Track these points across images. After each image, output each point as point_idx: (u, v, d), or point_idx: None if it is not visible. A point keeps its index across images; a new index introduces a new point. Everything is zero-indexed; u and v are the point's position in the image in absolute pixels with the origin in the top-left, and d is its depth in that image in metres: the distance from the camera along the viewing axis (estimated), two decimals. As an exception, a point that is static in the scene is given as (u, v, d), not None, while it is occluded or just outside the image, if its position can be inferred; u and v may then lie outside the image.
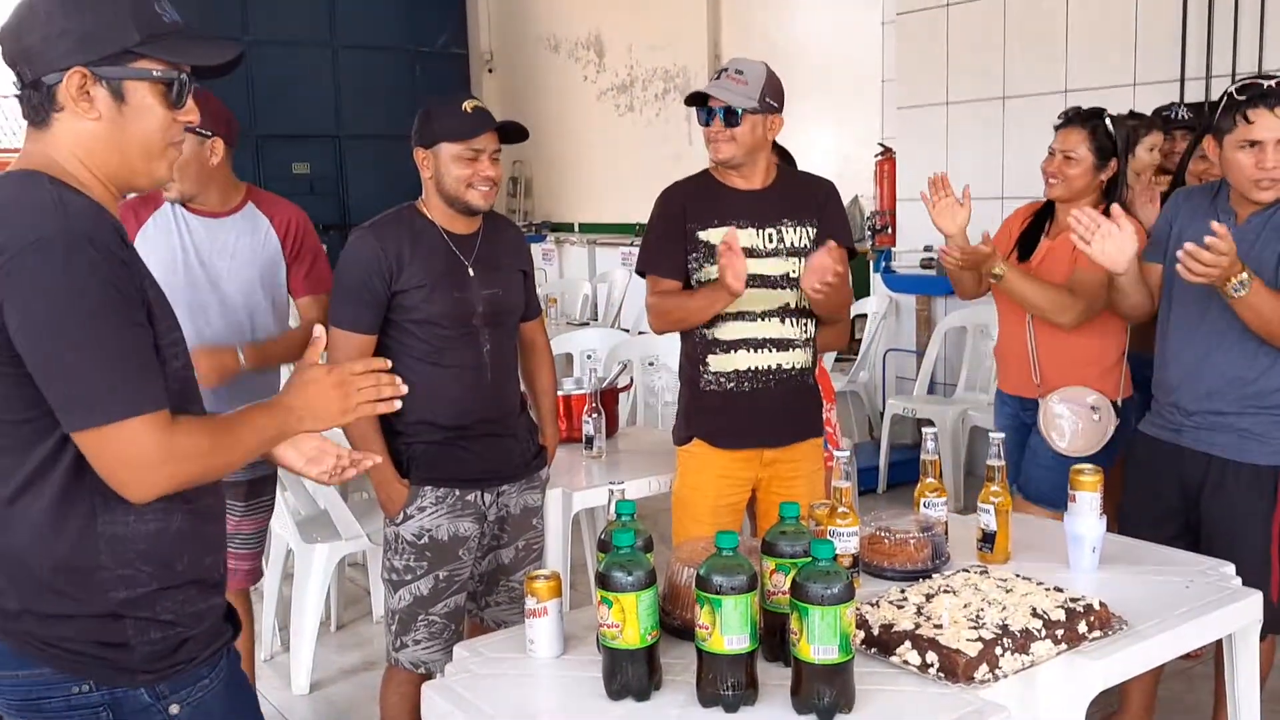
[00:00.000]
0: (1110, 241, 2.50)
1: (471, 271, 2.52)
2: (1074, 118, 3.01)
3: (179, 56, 1.49)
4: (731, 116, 2.62)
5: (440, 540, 2.51)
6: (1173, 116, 3.81)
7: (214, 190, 2.73)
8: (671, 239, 2.73)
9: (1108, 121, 2.98)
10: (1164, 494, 2.60)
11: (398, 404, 1.59)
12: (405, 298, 2.46)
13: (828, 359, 4.34)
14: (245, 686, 1.65)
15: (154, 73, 1.47)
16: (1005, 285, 2.92)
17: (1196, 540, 2.53)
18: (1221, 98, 2.49)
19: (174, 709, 1.49)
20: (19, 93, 1.47)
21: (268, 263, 2.80)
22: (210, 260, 2.72)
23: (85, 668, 1.44)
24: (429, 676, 2.48)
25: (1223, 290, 2.34)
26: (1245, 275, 2.32)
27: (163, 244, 2.69)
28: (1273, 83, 2.39)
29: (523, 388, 2.78)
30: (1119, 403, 2.98)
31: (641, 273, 2.82)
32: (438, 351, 2.49)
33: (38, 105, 1.46)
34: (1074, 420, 2.94)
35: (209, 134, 2.64)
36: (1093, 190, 2.99)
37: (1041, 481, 2.99)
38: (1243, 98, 2.40)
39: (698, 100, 2.68)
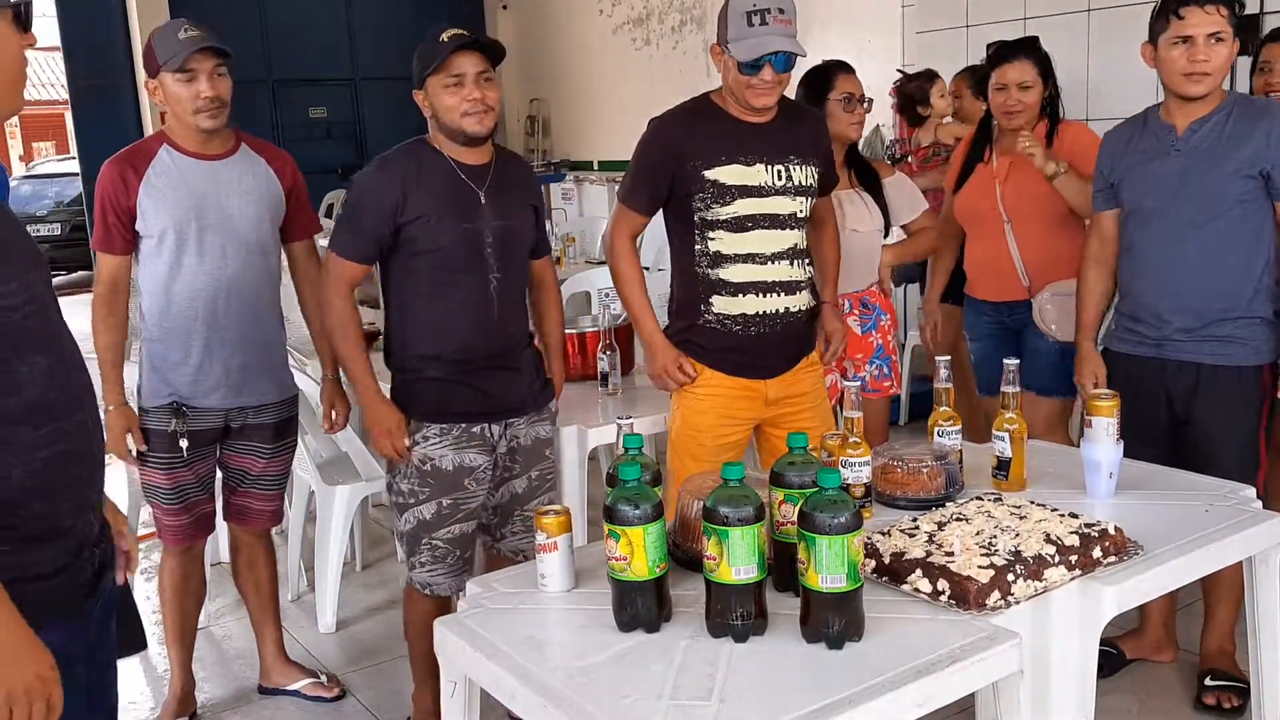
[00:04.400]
0: None
1: (484, 199, 2.49)
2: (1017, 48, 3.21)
3: None
4: (786, 63, 2.54)
5: (444, 469, 2.52)
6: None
7: (217, 133, 2.74)
8: (655, 175, 2.66)
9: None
10: (1152, 410, 2.67)
11: None
12: (410, 229, 2.44)
13: None
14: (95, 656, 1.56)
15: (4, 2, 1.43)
16: (1065, 180, 3.08)
17: (1183, 454, 2.62)
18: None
19: None
20: None
21: (274, 203, 2.83)
22: (222, 200, 2.74)
23: None
24: (436, 599, 2.59)
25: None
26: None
27: (170, 191, 2.69)
28: None
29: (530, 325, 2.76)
30: None
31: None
32: (444, 285, 2.48)
33: None
34: (1066, 310, 3.10)
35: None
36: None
37: (1046, 373, 3.17)
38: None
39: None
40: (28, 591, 1.40)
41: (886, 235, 3.38)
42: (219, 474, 2.94)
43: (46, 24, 9.90)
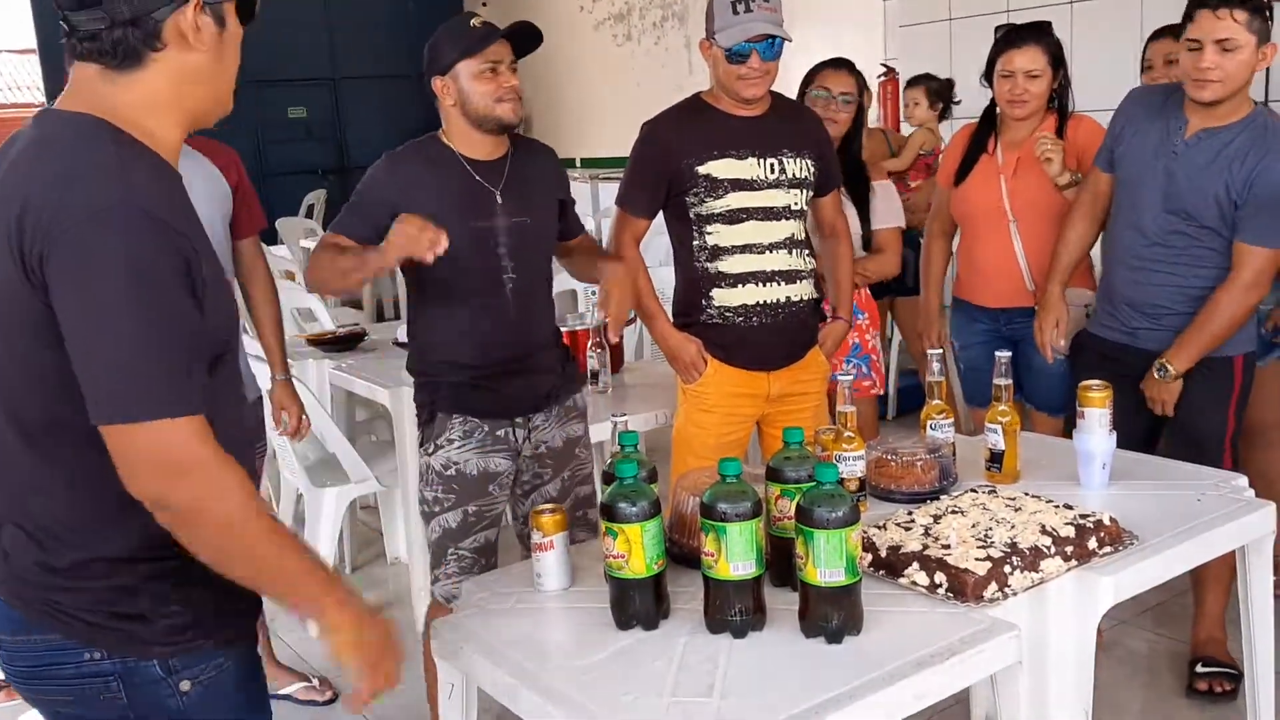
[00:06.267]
0: None
1: (500, 199, 2.39)
2: (1028, 33, 2.97)
3: None
4: (773, 50, 2.53)
5: (468, 474, 2.43)
6: None
7: None
8: (650, 177, 2.65)
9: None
10: (1125, 396, 2.63)
11: None
12: None
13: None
14: (259, 671, 1.58)
15: None
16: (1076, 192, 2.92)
17: (1153, 441, 2.67)
18: None
19: (185, 685, 1.43)
20: (99, 33, 1.32)
21: (223, 203, 2.77)
22: None
23: (98, 636, 1.39)
24: None
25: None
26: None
27: None
28: None
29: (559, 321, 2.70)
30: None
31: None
32: (455, 286, 2.38)
33: (133, 45, 1.32)
34: (1073, 321, 2.93)
35: None
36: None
37: (1054, 389, 2.98)
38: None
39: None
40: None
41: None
42: None
43: (23, 27, 9.83)
